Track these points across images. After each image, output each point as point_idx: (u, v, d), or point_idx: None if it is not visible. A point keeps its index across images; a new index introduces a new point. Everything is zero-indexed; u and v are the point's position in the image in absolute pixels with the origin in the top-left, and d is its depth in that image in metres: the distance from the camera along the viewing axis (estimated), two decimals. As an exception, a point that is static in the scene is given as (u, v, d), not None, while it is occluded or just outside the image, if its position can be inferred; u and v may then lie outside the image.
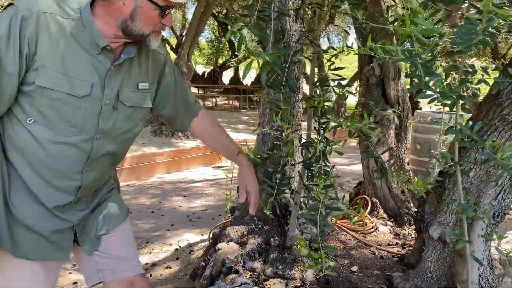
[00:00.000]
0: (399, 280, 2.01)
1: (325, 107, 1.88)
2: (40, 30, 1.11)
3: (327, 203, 1.67)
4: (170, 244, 3.53)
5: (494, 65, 1.67)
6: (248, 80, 18.15)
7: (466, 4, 1.56)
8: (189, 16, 16.80)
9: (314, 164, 1.85)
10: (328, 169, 1.80)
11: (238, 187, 2.79)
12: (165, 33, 18.40)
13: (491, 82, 1.60)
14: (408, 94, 3.53)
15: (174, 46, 15.50)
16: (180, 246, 3.45)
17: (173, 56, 9.08)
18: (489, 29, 1.18)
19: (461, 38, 1.23)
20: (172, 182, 5.97)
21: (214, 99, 14.99)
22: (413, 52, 1.19)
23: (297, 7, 2.18)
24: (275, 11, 1.61)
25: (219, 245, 2.42)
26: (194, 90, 14.50)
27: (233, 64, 17.75)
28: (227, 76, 20.74)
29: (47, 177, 1.23)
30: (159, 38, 1.26)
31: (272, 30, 1.58)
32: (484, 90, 1.78)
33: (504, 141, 1.57)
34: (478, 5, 1.45)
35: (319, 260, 2.35)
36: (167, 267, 3.01)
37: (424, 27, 1.11)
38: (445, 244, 1.86)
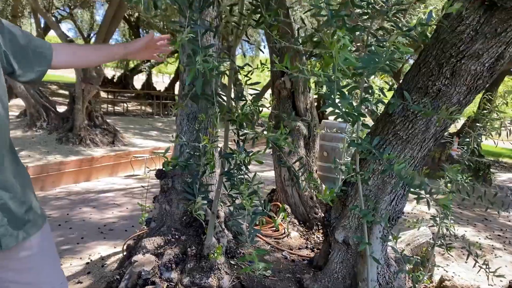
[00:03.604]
0: (309, 281, 2.16)
1: (244, 120, 1.99)
2: None
3: (252, 209, 1.77)
4: (81, 258, 3.37)
5: (389, 85, 1.90)
6: (161, 86, 17.83)
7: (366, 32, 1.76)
8: (98, 17, 16.08)
9: (235, 174, 1.94)
10: (249, 178, 1.90)
11: (154, 198, 2.78)
12: (71, 34, 17.39)
13: (386, 101, 1.82)
14: (316, 104, 3.79)
15: (81, 48, 14.65)
16: (91, 260, 3.32)
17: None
18: (389, 61, 1.36)
19: (365, 65, 1.40)
20: (80, 193, 5.67)
21: (125, 104, 14.47)
22: (332, 77, 1.33)
23: (215, 25, 2.26)
24: (202, 26, 1.69)
25: (135, 257, 2.39)
26: (103, 94, 13.89)
27: (145, 69, 17.31)
28: (138, 81, 20.17)
29: None
30: None
31: (200, 44, 1.66)
32: (381, 107, 2.00)
33: (397, 154, 1.79)
34: (384, 34, 1.66)
35: (235, 266, 2.43)
36: (78, 282, 2.87)
37: (347, 59, 1.26)
38: (349, 246, 2.06)
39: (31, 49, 1.36)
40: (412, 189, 1.52)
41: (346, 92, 1.38)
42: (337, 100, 1.49)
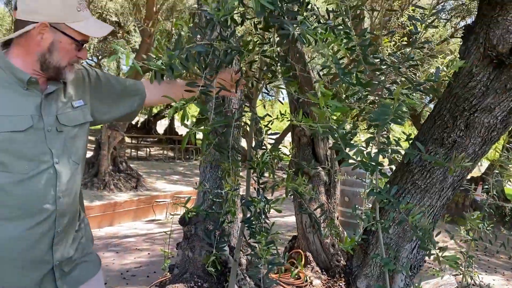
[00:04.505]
0: (332, 331, 2.14)
1: (264, 168, 2.05)
2: None
3: (269, 259, 1.79)
4: (103, 305, 3.39)
5: (406, 135, 1.95)
6: (183, 130, 18.20)
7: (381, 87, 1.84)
8: (124, 67, 16.80)
9: (254, 222, 1.98)
10: (268, 227, 1.94)
11: (177, 244, 2.82)
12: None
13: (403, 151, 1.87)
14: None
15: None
16: (113, 307, 3.34)
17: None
18: (399, 111, 1.43)
19: (377, 117, 1.47)
20: (103, 238, 5.75)
21: (148, 149, 14.79)
22: (332, 128, 1.41)
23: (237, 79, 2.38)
24: (217, 87, 1.79)
25: (158, 305, 2.42)
26: (127, 140, 14.26)
27: (168, 114, 17.75)
28: (161, 126, 20.66)
29: (21, 217, 1.20)
30: (73, 71, 1.32)
31: (213, 103, 1.75)
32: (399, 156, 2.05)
33: (415, 202, 1.82)
34: (392, 88, 1.74)
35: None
36: (100, 330, 2.89)
37: (336, 106, 1.33)
38: (371, 295, 2.05)
39: (127, 91, 1.52)
40: (422, 245, 1.54)
41: (353, 142, 1.45)
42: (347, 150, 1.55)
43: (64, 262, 1.32)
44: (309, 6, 1.67)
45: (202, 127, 1.51)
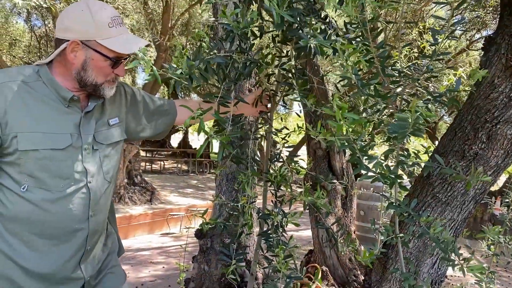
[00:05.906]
0: None
1: (281, 181, 2.04)
2: (6, 101, 1.15)
3: (287, 273, 1.77)
4: (118, 318, 3.38)
5: (425, 148, 1.93)
6: (197, 144, 18.30)
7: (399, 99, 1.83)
8: (139, 81, 17.05)
9: (272, 235, 1.97)
10: (286, 240, 1.92)
11: (193, 258, 2.81)
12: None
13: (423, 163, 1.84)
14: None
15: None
16: (128, 320, 3.32)
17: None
18: (417, 124, 1.42)
19: (396, 130, 1.46)
20: (118, 250, 5.77)
21: (162, 163, 14.87)
22: (350, 140, 1.39)
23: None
24: (235, 97, 1.80)
25: (173, 319, 2.40)
26: (141, 153, 14.37)
27: (181, 127, 17.89)
28: (175, 139, 20.77)
29: (54, 236, 1.22)
30: (114, 87, 1.32)
31: (231, 113, 1.76)
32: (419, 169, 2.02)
33: (436, 216, 1.79)
34: (409, 100, 1.72)
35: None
36: None
37: (353, 119, 1.32)
38: (391, 311, 2.00)
39: (160, 110, 1.55)
40: (444, 256, 1.51)
41: (372, 153, 1.43)
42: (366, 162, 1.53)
43: (92, 276, 1.34)
44: (327, 20, 1.68)
45: (221, 136, 1.51)
